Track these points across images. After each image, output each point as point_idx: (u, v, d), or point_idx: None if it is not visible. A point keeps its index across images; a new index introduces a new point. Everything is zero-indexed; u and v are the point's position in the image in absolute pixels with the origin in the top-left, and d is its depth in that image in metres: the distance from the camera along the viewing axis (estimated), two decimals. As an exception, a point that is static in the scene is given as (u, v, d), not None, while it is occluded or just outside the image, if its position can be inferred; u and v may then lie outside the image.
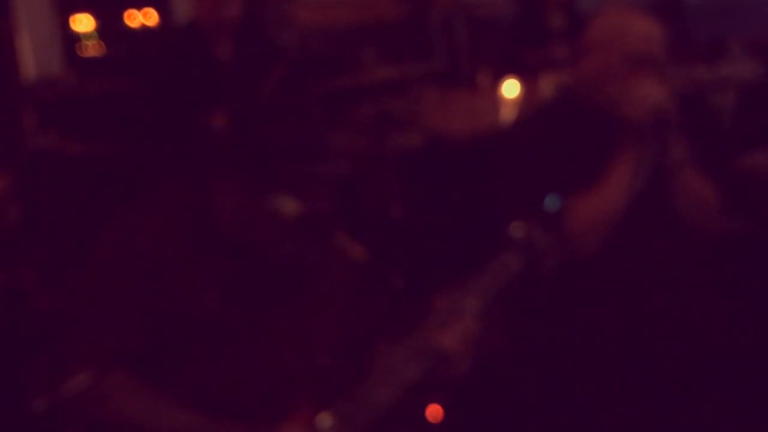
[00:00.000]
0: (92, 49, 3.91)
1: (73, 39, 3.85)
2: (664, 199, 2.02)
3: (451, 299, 1.37)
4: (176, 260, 1.36)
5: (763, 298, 2.26)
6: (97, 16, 3.90)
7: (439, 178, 3.32)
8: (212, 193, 1.40)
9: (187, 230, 1.40)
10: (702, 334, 1.95)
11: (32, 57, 3.64)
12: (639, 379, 1.91)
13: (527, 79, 3.74)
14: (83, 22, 3.86)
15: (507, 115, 3.45)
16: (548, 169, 1.97)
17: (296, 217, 1.36)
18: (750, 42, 5.11)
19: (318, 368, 1.40)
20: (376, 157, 3.05)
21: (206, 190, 1.40)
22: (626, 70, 1.98)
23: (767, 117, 3.96)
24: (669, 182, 2.01)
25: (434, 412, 1.54)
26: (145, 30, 4.04)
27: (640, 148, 1.96)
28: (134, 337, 1.33)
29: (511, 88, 3.62)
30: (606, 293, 1.98)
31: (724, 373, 1.91)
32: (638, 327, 1.94)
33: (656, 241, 2.01)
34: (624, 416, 1.91)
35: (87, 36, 3.88)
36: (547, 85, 3.73)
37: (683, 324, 1.95)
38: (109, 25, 3.95)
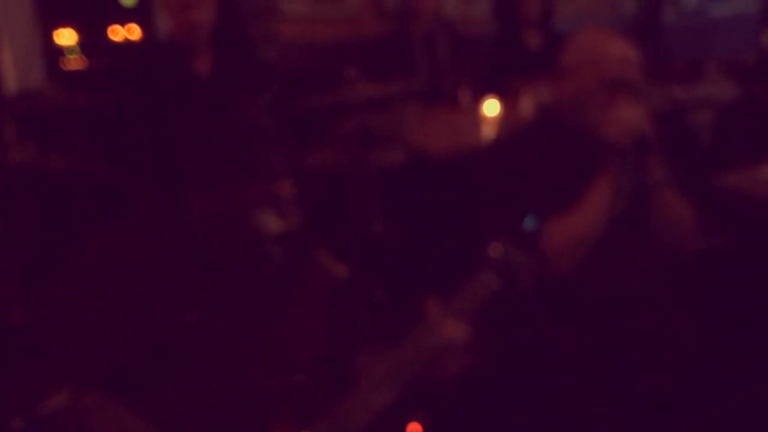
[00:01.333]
0: (75, 63, 3.90)
1: (55, 53, 3.83)
2: (642, 219, 2.03)
3: (443, 302, 1.38)
4: (153, 277, 1.36)
5: (740, 315, 2.29)
6: (80, 30, 3.89)
7: (420, 194, 3.33)
8: (190, 208, 1.40)
9: (164, 246, 1.40)
10: (680, 351, 1.96)
11: (14, 70, 3.61)
12: (617, 398, 1.90)
13: (507, 97, 3.77)
14: (66, 36, 3.85)
15: (487, 133, 3.47)
16: (527, 188, 1.97)
17: (278, 234, 1.37)
18: (726, 63, 5.19)
19: (297, 386, 1.40)
20: (358, 172, 3.06)
21: (184, 206, 1.40)
22: (603, 93, 1.98)
23: (743, 136, 4.00)
24: (647, 202, 2.02)
25: (414, 430, 1.55)
26: (128, 44, 4.03)
27: (619, 169, 1.97)
28: (111, 355, 1.32)
29: (491, 107, 3.64)
30: (584, 312, 1.98)
31: (703, 391, 1.91)
32: (616, 345, 1.95)
33: (634, 260, 2.03)
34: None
35: (70, 50, 3.87)
36: (527, 104, 3.77)
37: (661, 342, 1.96)
38: (92, 39, 3.94)
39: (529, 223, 1.42)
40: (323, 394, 1.38)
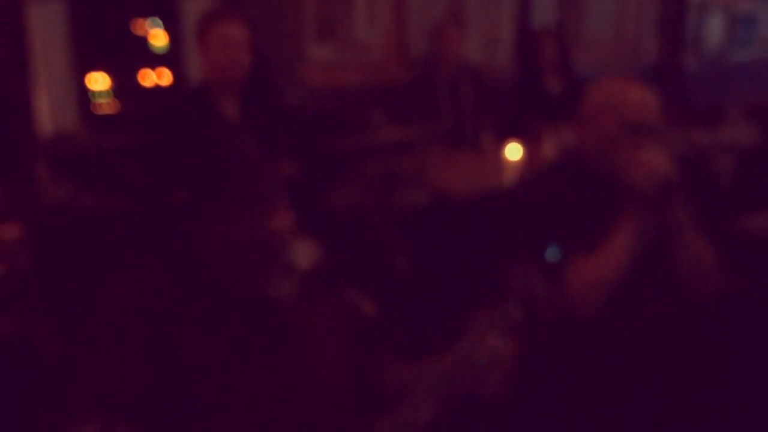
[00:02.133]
0: (107, 107, 4.00)
1: (88, 96, 3.93)
2: (665, 261, 2.03)
3: (489, 313, 1.38)
4: (177, 314, 1.38)
5: (762, 359, 2.28)
6: (113, 74, 3.99)
7: (443, 234, 3.36)
8: (214, 244, 1.42)
9: (186, 284, 1.42)
10: (701, 393, 1.95)
11: (49, 113, 3.71)
12: None
13: (529, 141, 3.81)
14: (99, 81, 3.95)
15: (510, 176, 3.51)
16: (551, 228, 1.98)
17: (306, 268, 1.40)
18: (747, 107, 5.21)
19: (323, 424, 1.41)
20: (382, 212, 3.09)
21: (208, 242, 1.42)
22: (625, 138, 2.01)
23: (765, 180, 4.01)
24: (671, 245, 2.03)
25: None
26: (158, 89, 4.13)
27: (643, 213, 1.98)
28: (138, 390, 1.33)
29: (514, 151, 3.69)
30: (606, 353, 1.98)
31: None
32: (638, 387, 1.94)
33: (657, 301, 2.03)
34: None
35: (102, 94, 3.97)
36: (549, 148, 3.81)
37: (683, 384, 1.96)
38: (124, 84, 4.04)
39: (551, 254, 1.42)
40: (350, 426, 1.38)
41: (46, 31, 3.66)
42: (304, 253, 1.42)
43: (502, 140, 3.89)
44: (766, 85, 6.84)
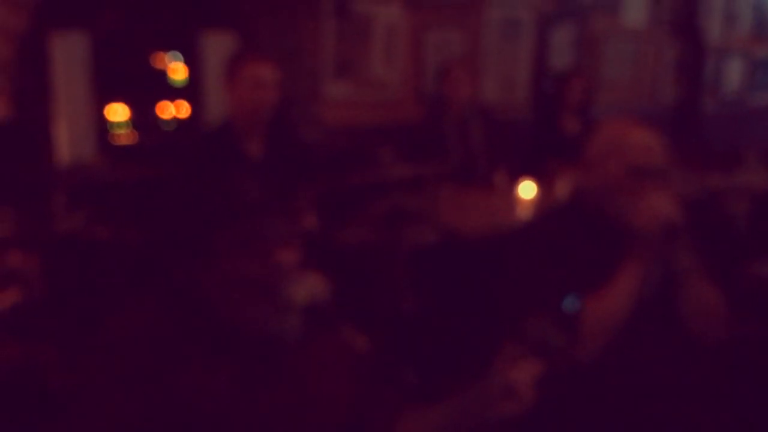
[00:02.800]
0: (125, 138, 4.06)
1: (106, 127, 4.00)
2: (670, 305, 2.03)
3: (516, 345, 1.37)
4: (176, 349, 1.38)
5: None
6: (131, 106, 4.06)
7: (452, 274, 3.35)
8: (220, 282, 1.42)
9: (189, 318, 1.42)
10: None
11: (67, 143, 3.78)
12: None
13: (543, 181, 3.82)
14: (117, 112, 4.02)
15: (523, 215, 3.51)
16: (558, 270, 1.98)
17: (304, 305, 1.41)
18: (765, 151, 5.20)
19: None
20: (390, 250, 3.10)
21: (213, 280, 1.43)
22: (629, 181, 2.01)
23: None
24: (676, 289, 2.02)
25: None
26: (177, 122, 4.19)
27: (647, 255, 1.98)
28: (137, 422, 1.33)
29: (527, 189, 3.69)
30: (608, 398, 1.96)
31: None
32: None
33: (661, 346, 2.01)
34: None
35: (120, 125, 4.04)
36: (563, 188, 3.82)
37: (686, 430, 1.93)
38: (142, 116, 4.10)
39: (569, 304, 1.40)
40: None
41: (68, 62, 3.74)
42: (304, 290, 1.43)
43: (514, 179, 3.90)
44: (785, 130, 6.82)
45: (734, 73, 7.24)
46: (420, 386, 2.41)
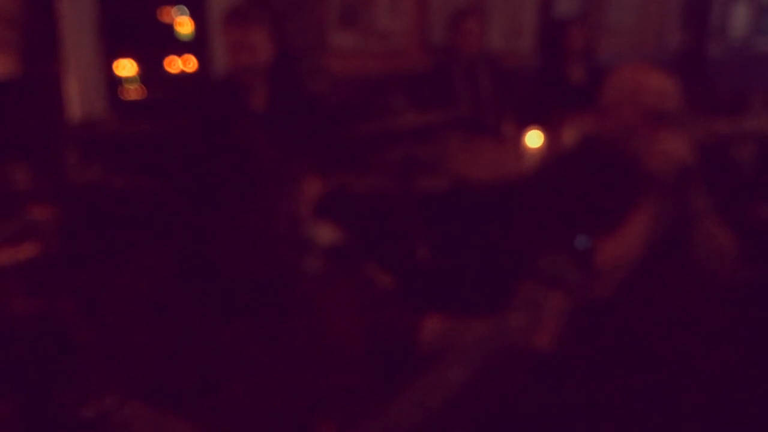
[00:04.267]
0: (134, 93, 4.07)
1: (115, 83, 4.01)
2: (682, 247, 2.08)
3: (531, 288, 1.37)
4: (192, 289, 1.43)
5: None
6: (139, 61, 4.06)
7: (464, 220, 3.39)
8: (236, 227, 1.44)
9: (206, 264, 1.45)
10: (716, 379, 1.98)
11: (78, 99, 3.79)
12: (653, 417, 1.93)
13: (550, 129, 3.83)
14: (126, 67, 4.03)
15: (530, 164, 3.53)
16: (572, 212, 2.02)
17: (328, 245, 1.45)
18: (771, 97, 5.19)
19: (343, 386, 1.43)
20: (403, 198, 3.13)
21: (229, 226, 1.45)
22: (644, 125, 2.04)
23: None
24: (689, 231, 2.07)
25: None
26: (184, 76, 4.19)
27: (661, 199, 2.02)
28: (155, 366, 1.37)
29: (534, 138, 3.70)
30: (622, 335, 2.02)
31: (736, 413, 1.96)
32: (654, 371, 1.97)
33: (673, 286, 2.07)
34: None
35: (129, 80, 4.04)
36: (570, 136, 3.83)
37: (697, 369, 1.98)
38: (150, 71, 4.10)
39: (581, 242, 1.43)
40: (371, 393, 1.41)
41: (76, 18, 3.73)
42: (325, 233, 1.47)
43: (523, 128, 3.91)
44: (791, 75, 6.79)
45: (740, 17, 7.17)
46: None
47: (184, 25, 4.16)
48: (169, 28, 4.12)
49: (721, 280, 2.12)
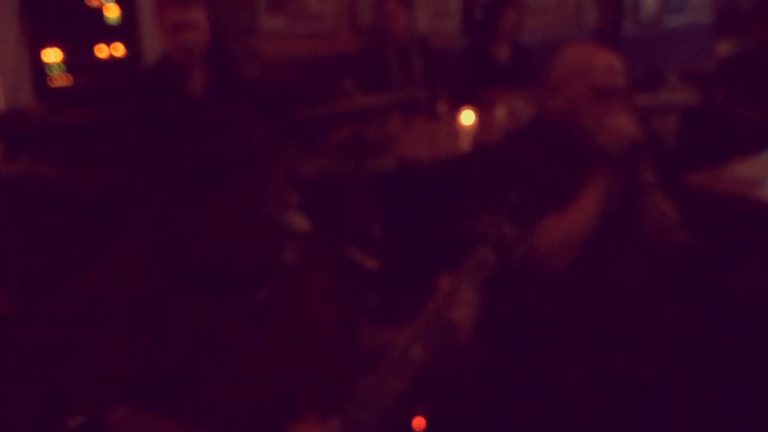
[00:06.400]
0: (61, 81, 3.93)
1: (42, 71, 3.86)
2: (632, 218, 2.12)
3: (451, 279, 1.40)
4: (163, 285, 1.39)
5: (718, 302, 2.40)
6: (66, 48, 3.92)
7: (413, 197, 3.44)
8: (200, 213, 1.41)
9: (169, 254, 1.43)
10: (667, 338, 2.04)
11: (2, 89, 3.64)
12: (607, 385, 1.97)
13: (481, 108, 3.90)
14: (52, 55, 3.89)
15: (465, 142, 3.60)
16: (519, 187, 2.06)
17: (302, 233, 1.45)
18: (684, 71, 5.42)
19: (325, 372, 1.43)
20: (354, 179, 3.15)
21: (192, 211, 1.41)
22: (594, 102, 2.06)
23: (706, 139, 4.18)
24: (637, 203, 2.11)
25: (419, 423, 1.60)
26: (113, 61, 4.08)
27: (611, 173, 2.05)
28: (133, 367, 1.33)
29: (467, 117, 3.77)
30: (575, 308, 2.05)
31: (688, 376, 2.00)
32: (605, 341, 2.02)
33: (624, 256, 2.11)
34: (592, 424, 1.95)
35: (56, 68, 3.90)
36: (501, 114, 3.93)
37: (650, 330, 2.04)
38: (78, 57, 3.97)
39: (513, 197, 1.44)
40: (346, 378, 1.41)
41: (-1, 6, 3.59)
42: (299, 220, 1.46)
43: (455, 107, 3.97)
44: (699, 49, 7.08)
45: (651, -5, 7.43)
46: (385, 310, 2.48)
47: (111, 10, 4.04)
48: (98, 13, 3.99)
49: (668, 249, 2.18)
